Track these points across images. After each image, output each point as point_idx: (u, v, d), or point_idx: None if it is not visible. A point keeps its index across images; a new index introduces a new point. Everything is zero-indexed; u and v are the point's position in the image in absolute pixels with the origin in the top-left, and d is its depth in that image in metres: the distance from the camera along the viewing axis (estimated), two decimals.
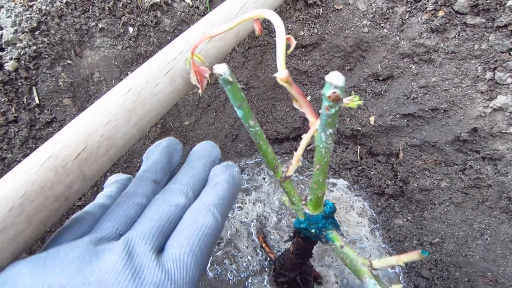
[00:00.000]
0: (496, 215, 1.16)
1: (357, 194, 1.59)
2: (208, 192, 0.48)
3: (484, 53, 1.12)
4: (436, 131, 1.30)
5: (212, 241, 0.43)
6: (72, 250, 0.38)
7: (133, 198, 0.47)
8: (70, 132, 0.57)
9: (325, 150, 0.57)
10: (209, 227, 0.43)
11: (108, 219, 0.44)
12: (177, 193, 0.47)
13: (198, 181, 0.50)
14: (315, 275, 1.28)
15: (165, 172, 0.53)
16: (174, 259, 0.39)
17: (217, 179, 0.50)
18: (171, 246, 0.41)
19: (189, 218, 0.44)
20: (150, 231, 0.41)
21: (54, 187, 0.53)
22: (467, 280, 1.18)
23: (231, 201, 0.49)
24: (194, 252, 0.40)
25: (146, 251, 0.39)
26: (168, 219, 0.43)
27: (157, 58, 0.72)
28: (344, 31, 1.38)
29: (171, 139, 0.58)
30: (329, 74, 0.44)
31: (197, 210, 0.45)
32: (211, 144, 0.57)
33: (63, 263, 0.36)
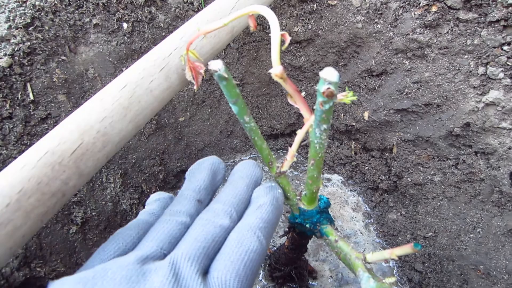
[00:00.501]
0: (488, 208, 1.17)
1: (351, 189, 1.60)
2: (252, 214, 0.48)
3: (477, 48, 1.13)
4: (430, 126, 1.31)
5: (257, 265, 0.43)
6: (119, 270, 0.38)
7: (177, 216, 0.47)
8: (66, 129, 0.58)
9: (320, 146, 0.58)
10: (254, 252, 0.43)
11: (152, 237, 0.44)
12: (221, 214, 0.46)
13: (241, 201, 0.50)
14: (310, 270, 1.29)
15: (208, 191, 0.53)
16: (220, 283, 0.39)
17: (261, 201, 0.50)
18: (216, 269, 0.41)
19: (234, 241, 0.44)
20: (195, 252, 0.41)
21: (50, 183, 0.53)
22: (460, 273, 1.20)
23: (275, 224, 0.49)
24: (240, 277, 0.40)
25: (192, 273, 0.39)
26: (213, 240, 0.43)
27: (152, 54, 0.72)
28: (338, 26, 1.38)
29: (215, 158, 0.58)
30: (323, 70, 0.45)
31: (242, 233, 0.45)
32: (253, 163, 0.57)
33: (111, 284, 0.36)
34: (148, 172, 1.42)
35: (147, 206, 0.54)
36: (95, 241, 1.18)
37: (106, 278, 0.37)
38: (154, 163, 1.43)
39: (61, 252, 1.07)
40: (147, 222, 0.49)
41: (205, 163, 0.56)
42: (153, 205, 0.54)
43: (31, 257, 0.98)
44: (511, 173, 1.11)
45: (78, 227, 1.12)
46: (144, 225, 0.48)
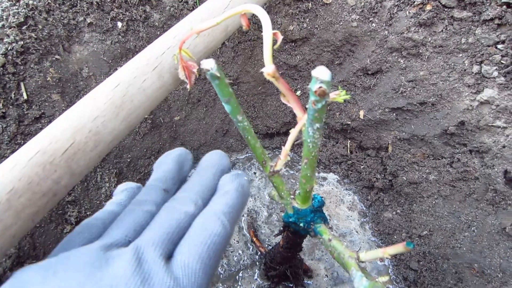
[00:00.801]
0: (483, 207, 1.18)
1: (347, 188, 1.60)
2: (217, 201, 0.48)
3: (471, 46, 1.13)
4: (425, 124, 1.31)
5: (220, 249, 0.44)
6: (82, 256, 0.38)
7: (143, 205, 0.47)
8: (57, 128, 0.57)
9: (313, 145, 0.58)
10: (218, 235, 0.43)
11: (118, 226, 0.44)
12: (187, 201, 0.47)
13: (207, 189, 0.50)
14: (305, 269, 1.29)
15: (175, 181, 0.53)
16: (183, 266, 0.40)
17: (226, 188, 0.50)
18: (180, 253, 0.41)
19: (198, 225, 0.44)
20: (159, 237, 0.41)
21: (41, 183, 0.53)
22: (455, 271, 1.20)
23: (240, 210, 0.50)
24: (203, 259, 0.41)
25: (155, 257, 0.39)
26: (177, 226, 0.43)
27: (145, 53, 0.72)
28: (333, 25, 1.38)
29: (182, 149, 0.58)
30: (316, 69, 0.44)
31: (206, 218, 0.45)
32: (221, 153, 0.58)
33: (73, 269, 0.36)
34: (143, 172, 1.42)
35: (114, 197, 0.54)
36: None
37: (68, 263, 0.37)
38: (149, 162, 1.43)
39: None
40: (114, 212, 0.49)
41: (172, 154, 0.56)
42: (120, 196, 0.54)
43: (24, 256, 0.98)
44: (505, 172, 1.11)
45: (72, 227, 1.12)
46: (110, 215, 0.49)
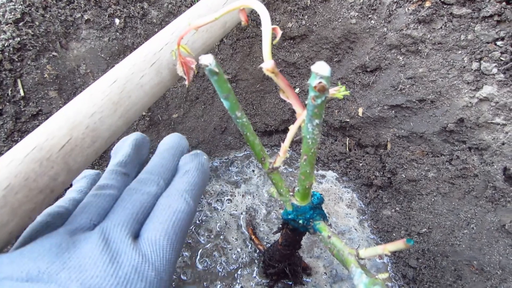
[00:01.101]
0: (482, 204, 1.17)
1: (346, 185, 1.60)
2: (179, 180, 0.49)
3: (470, 43, 1.13)
4: (424, 122, 1.30)
5: (185, 225, 0.45)
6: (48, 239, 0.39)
7: (105, 190, 0.48)
8: (54, 124, 0.57)
9: (312, 141, 0.58)
10: (182, 212, 0.45)
11: (82, 211, 0.45)
12: (148, 182, 0.48)
13: (168, 170, 0.51)
14: (304, 266, 1.29)
15: (134, 164, 0.54)
16: (150, 242, 0.41)
17: (187, 167, 0.51)
18: (146, 231, 0.42)
19: (162, 204, 0.45)
20: (124, 218, 0.42)
21: (38, 179, 0.52)
22: (454, 269, 1.20)
23: (201, 187, 0.51)
24: (169, 235, 0.42)
25: (122, 237, 0.40)
26: (141, 206, 0.45)
27: (143, 49, 0.72)
28: (332, 22, 1.37)
29: (138, 133, 0.59)
30: (315, 64, 0.44)
31: (170, 196, 0.46)
32: (179, 135, 0.58)
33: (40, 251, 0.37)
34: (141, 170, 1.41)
35: (74, 185, 0.54)
36: None
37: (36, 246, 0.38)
38: (147, 159, 1.42)
39: None
40: (75, 200, 0.50)
41: (129, 139, 0.57)
42: (80, 183, 0.54)
43: None
44: (504, 169, 1.11)
45: None
46: (72, 202, 0.49)
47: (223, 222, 1.45)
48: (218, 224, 1.44)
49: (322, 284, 1.31)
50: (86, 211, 0.44)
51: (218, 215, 1.47)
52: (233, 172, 1.62)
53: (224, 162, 1.66)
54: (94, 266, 0.36)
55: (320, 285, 1.30)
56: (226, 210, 1.49)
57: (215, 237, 1.40)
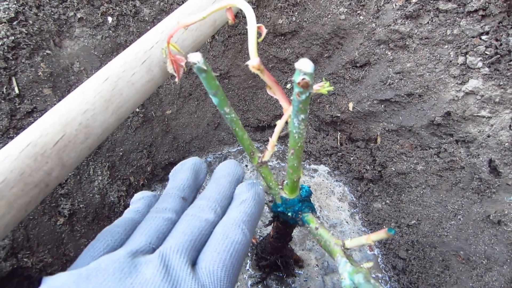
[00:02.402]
0: (468, 195, 1.20)
1: (337, 179, 1.63)
2: (236, 209, 0.50)
3: (456, 38, 1.15)
4: (412, 115, 1.33)
5: (242, 256, 0.46)
6: (111, 263, 0.40)
7: (163, 213, 0.49)
8: (48, 121, 0.59)
9: (298, 135, 0.59)
10: (239, 243, 0.46)
11: (141, 233, 0.46)
12: (206, 209, 0.49)
13: (225, 198, 0.52)
14: (296, 259, 1.31)
15: (192, 189, 0.55)
16: (209, 273, 0.42)
17: (244, 197, 0.52)
18: (204, 260, 0.43)
19: (220, 233, 0.46)
20: (183, 245, 0.43)
21: (33, 174, 0.54)
22: (442, 259, 1.22)
23: (257, 218, 0.52)
24: (226, 267, 0.43)
25: (181, 264, 0.41)
26: (199, 233, 0.46)
27: (134, 48, 0.74)
28: (321, 18, 1.39)
29: (196, 159, 0.61)
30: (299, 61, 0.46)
31: (227, 226, 0.47)
32: (235, 162, 0.60)
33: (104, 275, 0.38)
34: (136, 165, 1.43)
35: (132, 205, 0.56)
36: (83, 233, 1.19)
37: (100, 270, 0.39)
38: (141, 155, 1.44)
39: (49, 243, 1.08)
40: (134, 220, 0.51)
41: (188, 163, 0.58)
42: (137, 204, 0.55)
43: (18, 248, 1.00)
44: (489, 161, 1.14)
45: (65, 219, 1.13)
46: (130, 222, 0.50)
47: None
48: None
49: (314, 276, 1.33)
50: (146, 234, 0.45)
51: None
52: None
53: (218, 158, 1.69)
54: None
55: (312, 277, 1.33)
56: None
57: None
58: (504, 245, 1.09)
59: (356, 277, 0.57)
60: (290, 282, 1.31)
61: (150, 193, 0.58)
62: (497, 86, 1.10)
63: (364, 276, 0.56)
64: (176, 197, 0.52)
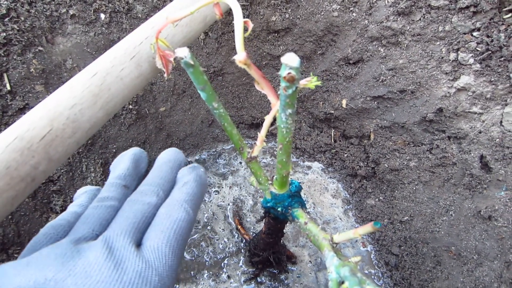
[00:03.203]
0: (460, 191, 1.20)
1: (331, 176, 1.63)
2: (178, 191, 0.51)
3: (448, 34, 1.16)
4: (405, 112, 1.33)
5: (186, 233, 0.47)
6: (53, 250, 0.40)
7: (105, 202, 0.49)
8: (35, 115, 0.59)
9: (286, 130, 0.60)
10: (182, 221, 0.46)
11: (83, 222, 0.46)
12: (148, 193, 0.49)
13: (167, 182, 0.53)
14: (289, 255, 1.32)
15: (134, 177, 0.56)
16: (153, 249, 0.42)
17: (185, 179, 0.53)
18: (148, 239, 0.44)
19: (163, 213, 0.47)
20: (126, 227, 0.43)
21: (19, 168, 0.54)
22: (434, 255, 1.23)
23: (200, 198, 0.53)
24: (171, 243, 0.44)
25: (125, 244, 0.41)
26: (142, 216, 0.46)
27: (123, 43, 0.74)
28: (314, 15, 1.40)
29: (136, 148, 0.61)
30: (285, 56, 0.46)
31: (170, 206, 0.48)
32: (176, 150, 0.61)
33: (46, 261, 0.38)
34: None
35: (75, 200, 0.56)
36: None
37: (40, 257, 0.39)
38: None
39: None
40: (77, 213, 0.51)
41: (128, 153, 0.59)
42: (81, 198, 0.56)
43: (8, 243, 1.00)
44: (481, 156, 1.14)
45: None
46: (73, 215, 0.51)
47: (210, 213, 1.47)
48: (205, 215, 1.46)
49: (307, 272, 1.34)
50: (88, 222, 0.46)
51: (206, 206, 1.49)
52: (220, 164, 1.65)
53: (212, 155, 1.69)
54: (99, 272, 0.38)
55: (305, 273, 1.33)
56: (213, 201, 1.51)
57: (203, 228, 1.43)
58: (494, 240, 1.09)
59: (342, 270, 0.57)
60: (283, 278, 1.32)
61: (93, 187, 0.58)
62: (488, 82, 1.10)
63: (350, 269, 0.56)
64: (117, 186, 0.52)
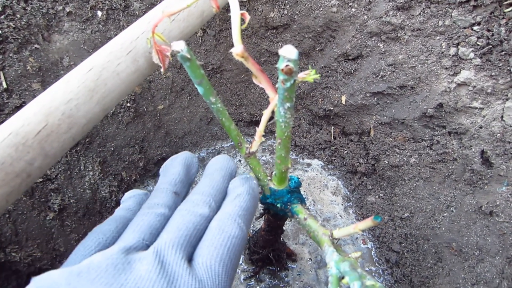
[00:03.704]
0: (461, 187, 1.20)
1: (331, 173, 1.62)
2: (231, 204, 0.49)
3: (448, 29, 1.15)
4: (405, 108, 1.32)
5: (239, 250, 0.45)
6: (104, 259, 0.38)
7: (155, 209, 0.48)
8: (30, 110, 0.58)
9: (285, 125, 0.59)
10: (236, 237, 0.45)
11: (133, 230, 0.44)
12: (200, 204, 0.47)
13: (219, 192, 0.51)
14: (289, 252, 1.31)
15: (184, 184, 0.54)
16: (206, 268, 0.41)
17: (238, 191, 0.51)
18: (200, 255, 0.42)
19: (216, 228, 0.45)
20: (178, 240, 0.42)
21: (14, 164, 0.54)
22: (435, 251, 1.22)
23: (253, 212, 0.51)
24: (224, 261, 0.42)
25: (177, 259, 0.40)
26: (194, 228, 0.44)
27: (120, 38, 0.73)
28: (313, 11, 1.39)
29: (187, 153, 0.59)
30: (283, 48, 0.45)
31: (223, 220, 0.46)
32: (227, 157, 0.59)
33: (97, 271, 0.37)
34: (128, 160, 1.42)
35: (122, 203, 0.55)
36: (74, 228, 1.19)
37: (92, 267, 0.37)
38: (133, 151, 1.44)
39: (38, 238, 1.07)
40: (125, 217, 0.50)
41: (179, 158, 0.57)
42: (128, 202, 0.54)
43: (6, 242, 0.99)
44: (482, 152, 1.13)
45: (55, 214, 1.13)
46: (122, 220, 0.49)
47: None
48: None
49: (307, 270, 1.33)
50: (138, 230, 0.44)
51: None
52: None
53: (211, 153, 1.68)
54: None
55: (305, 271, 1.33)
56: None
57: None
58: (496, 236, 1.08)
59: (342, 265, 0.56)
60: (283, 276, 1.31)
61: (141, 191, 0.57)
62: (489, 77, 1.09)
63: (350, 264, 0.55)
64: (168, 192, 0.51)
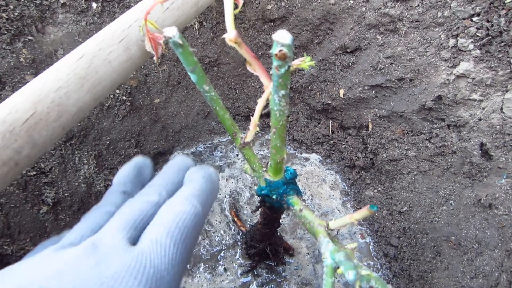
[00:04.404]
0: (460, 180, 1.18)
1: (329, 167, 1.61)
2: (184, 187, 0.47)
3: (447, 20, 1.13)
4: (403, 101, 1.31)
5: (193, 227, 0.42)
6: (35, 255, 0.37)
7: (102, 208, 0.46)
8: (18, 98, 0.57)
9: (280, 113, 0.58)
10: (187, 213, 0.42)
11: (74, 230, 0.42)
12: (150, 193, 0.46)
13: (171, 183, 0.49)
14: (286, 247, 1.30)
15: (135, 184, 0.53)
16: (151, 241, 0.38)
17: (192, 177, 0.49)
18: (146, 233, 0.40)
19: (165, 207, 0.43)
20: (119, 225, 0.40)
21: (1, 152, 0.52)
22: (433, 245, 1.21)
23: (210, 195, 0.49)
24: (172, 234, 0.39)
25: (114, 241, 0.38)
26: (140, 214, 0.42)
27: (112, 26, 0.72)
28: (311, 3, 1.37)
29: (140, 157, 0.58)
30: (276, 33, 0.44)
31: (174, 201, 0.44)
32: (183, 155, 0.57)
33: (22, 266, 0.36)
34: (124, 154, 1.41)
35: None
36: (68, 222, 1.17)
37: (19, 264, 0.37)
38: (129, 145, 1.42)
39: (31, 231, 1.06)
40: None
41: (130, 162, 0.56)
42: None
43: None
44: (481, 144, 1.12)
45: (49, 207, 1.11)
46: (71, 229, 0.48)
47: None
48: None
49: (304, 264, 1.32)
50: (79, 228, 0.42)
51: None
52: (217, 157, 1.63)
53: (208, 147, 1.67)
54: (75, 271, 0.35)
55: (303, 265, 1.31)
56: None
57: None
58: (495, 228, 1.07)
59: (337, 255, 0.55)
60: (280, 270, 1.30)
61: None
62: (488, 69, 1.08)
63: (345, 254, 0.54)
64: (116, 192, 0.49)
